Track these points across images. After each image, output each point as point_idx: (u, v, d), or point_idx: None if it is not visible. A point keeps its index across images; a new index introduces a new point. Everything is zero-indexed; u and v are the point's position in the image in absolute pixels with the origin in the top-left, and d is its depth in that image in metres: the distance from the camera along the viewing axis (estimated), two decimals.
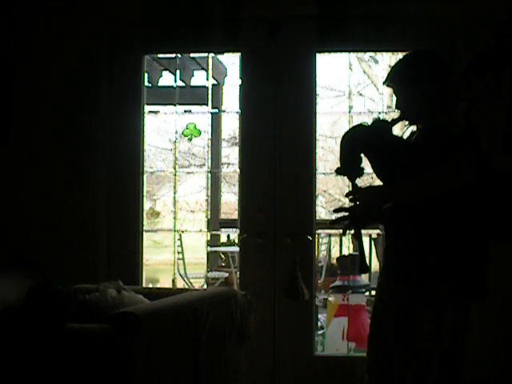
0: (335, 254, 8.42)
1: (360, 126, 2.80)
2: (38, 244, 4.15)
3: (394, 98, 2.79)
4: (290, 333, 4.14)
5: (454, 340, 2.59)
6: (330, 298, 6.06)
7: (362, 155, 2.70)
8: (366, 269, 2.75)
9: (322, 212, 12.99)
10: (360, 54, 10.49)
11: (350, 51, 4.45)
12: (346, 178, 2.76)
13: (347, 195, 2.69)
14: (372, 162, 2.72)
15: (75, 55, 4.21)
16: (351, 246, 7.55)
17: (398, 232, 2.70)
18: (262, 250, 4.15)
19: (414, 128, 2.83)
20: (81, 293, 3.06)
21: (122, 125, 4.29)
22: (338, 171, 2.72)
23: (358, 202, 2.64)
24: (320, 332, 5.71)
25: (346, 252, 7.58)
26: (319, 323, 5.84)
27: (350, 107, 4.66)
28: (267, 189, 4.17)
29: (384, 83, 2.81)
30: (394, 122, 2.76)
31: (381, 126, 2.71)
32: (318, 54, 4.20)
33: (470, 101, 2.62)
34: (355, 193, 2.66)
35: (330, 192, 12.96)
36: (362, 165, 2.70)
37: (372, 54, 10.51)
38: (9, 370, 2.69)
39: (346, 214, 2.69)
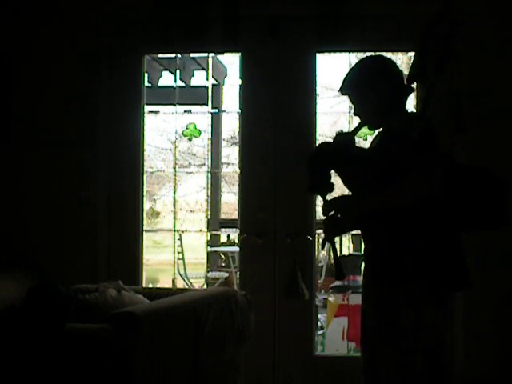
0: None
1: (324, 143, 2.89)
2: (39, 244, 4.16)
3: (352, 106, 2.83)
4: (290, 333, 4.14)
5: (437, 337, 2.62)
6: (329, 298, 6.06)
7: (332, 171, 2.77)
8: (342, 276, 2.80)
9: None
10: (360, 54, 10.50)
11: (349, 51, 4.44)
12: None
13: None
14: (341, 176, 2.80)
15: (75, 55, 4.21)
16: (351, 246, 7.56)
17: (373, 236, 2.75)
18: (261, 249, 4.15)
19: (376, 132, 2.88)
20: (81, 293, 3.07)
21: (122, 125, 4.29)
22: (310, 190, 2.80)
23: (330, 214, 2.72)
24: (320, 332, 5.71)
25: (345, 252, 7.59)
26: (319, 323, 5.84)
27: (350, 107, 4.63)
28: (267, 189, 4.17)
29: (339, 91, 2.85)
30: (355, 131, 2.84)
31: (344, 140, 2.79)
32: (318, 54, 4.21)
33: (427, 89, 2.65)
34: (327, 207, 2.73)
35: None
36: (332, 180, 2.76)
37: (372, 53, 10.51)
38: (9, 369, 2.69)
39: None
